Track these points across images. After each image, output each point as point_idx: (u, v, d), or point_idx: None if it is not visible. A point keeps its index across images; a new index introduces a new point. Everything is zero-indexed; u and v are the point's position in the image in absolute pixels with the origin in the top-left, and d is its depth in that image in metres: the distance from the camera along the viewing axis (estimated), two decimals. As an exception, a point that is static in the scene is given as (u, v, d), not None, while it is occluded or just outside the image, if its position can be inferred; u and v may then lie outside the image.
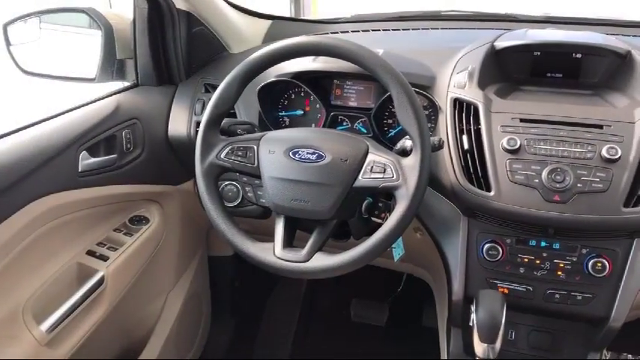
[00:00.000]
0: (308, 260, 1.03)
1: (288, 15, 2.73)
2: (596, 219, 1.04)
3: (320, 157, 1.04)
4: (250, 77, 1.10)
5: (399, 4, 1.95)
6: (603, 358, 1.71)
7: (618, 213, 1.03)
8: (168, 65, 1.48)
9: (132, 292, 1.42)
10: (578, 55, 1.26)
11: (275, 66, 1.13)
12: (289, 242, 1.08)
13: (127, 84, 1.47)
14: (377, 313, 2.04)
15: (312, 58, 1.34)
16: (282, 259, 1.04)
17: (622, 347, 1.88)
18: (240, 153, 1.09)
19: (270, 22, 1.73)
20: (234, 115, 1.37)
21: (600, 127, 1.10)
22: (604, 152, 1.05)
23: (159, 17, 1.41)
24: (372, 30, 1.65)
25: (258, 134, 1.12)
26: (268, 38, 1.68)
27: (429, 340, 1.48)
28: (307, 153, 1.05)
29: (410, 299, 1.98)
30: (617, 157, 1.04)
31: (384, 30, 1.64)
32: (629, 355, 1.86)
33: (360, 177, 1.03)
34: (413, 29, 1.63)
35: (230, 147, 1.10)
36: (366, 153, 1.04)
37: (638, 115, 1.09)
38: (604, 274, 1.10)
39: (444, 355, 1.34)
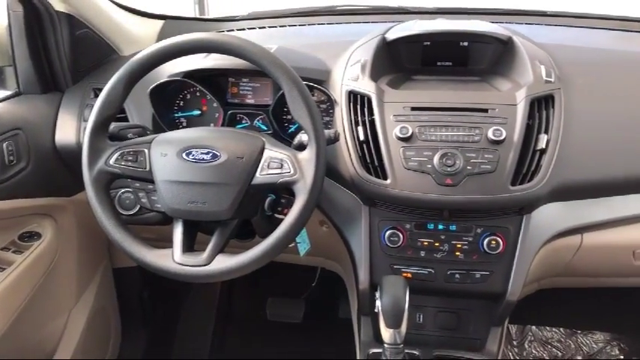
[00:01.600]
0: (209, 263, 1.00)
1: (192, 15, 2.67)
2: (487, 199, 1.09)
3: (215, 156, 1.02)
4: (136, 78, 1.06)
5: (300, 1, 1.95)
6: (510, 331, 1.81)
7: (506, 191, 1.08)
8: (53, 71, 1.40)
9: (27, 313, 1.33)
10: (465, 43, 1.30)
11: (168, 66, 1.09)
12: (189, 246, 1.05)
13: (7, 93, 1.38)
14: (293, 310, 2.04)
15: (203, 55, 1.31)
16: (182, 265, 1.01)
17: (525, 319, 1.99)
18: (130, 158, 1.05)
19: (162, 22, 1.68)
20: (125, 119, 1.32)
21: (485, 110, 1.14)
22: (490, 134, 1.10)
23: (37, 21, 1.33)
24: (269, 27, 1.64)
25: (149, 137, 1.08)
26: (162, 38, 1.62)
27: (346, 332, 1.49)
28: (201, 153, 1.03)
29: (325, 293, 1.99)
30: (502, 138, 1.09)
31: (280, 26, 1.64)
32: (533, 327, 1.97)
33: (257, 174, 1.02)
34: (309, 24, 1.64)
35: (119, 152, 1.05)
36: (262, 149, 1.03)
37: (519, 97, 1.14)
38: (498, 251, 1.15)
39: (357, 344, 1.35)
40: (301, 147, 1.05)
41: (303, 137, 1.06)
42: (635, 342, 1.93)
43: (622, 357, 1.91)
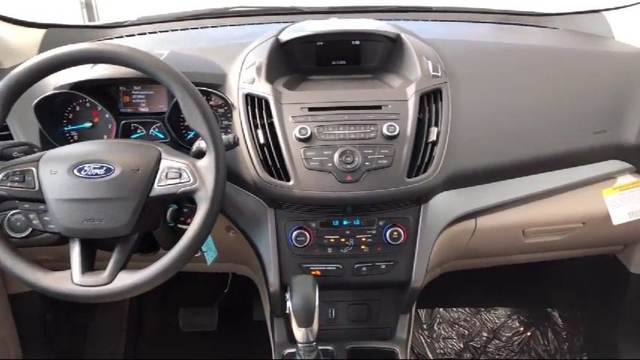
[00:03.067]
0: (111, 282, 0.97)
1: (82, 22, 2.54)
2: (386, 192, 1.12)
3: (109, 170, 0.98)
4: (16, 94, 1.00)
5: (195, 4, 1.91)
6: (420, 315, 1.87)
7: (403, 184, 1.13)
8: None
9: None
10: (357, 42, 1.33)
11: (53, 77, 1.04)
12: (89, 266, 1.01)
13: None
14: (207, 318, 2.00)
15: (90, 66, 1.25)
16: (81, 286, 0.96)
17: (433, 303, 2.08)
18: (17, 178, 0.99)
19: (44, 30, 1.59)
20: (10, 137, 1.24)
21: (379, 107, 1.18)
22: (385, 130, 1.14)
23: None
24: (160, 31, 1.60)
25: (36, 155, 1.02)
26: (45, 48, 1.53)
27: (261, 334, 1.49)
28: (94, 168, 0.99)
29: (239, 298, 1.98)
30: (396, 133, 1.13)
31: (172, 30, 1.60)
32: (441, 309, 2.07)
33: (155, 185, 0.99)
34: (202, 27, 1.61)
35: (4, 173, 0.99)
36: (159, 159, 1.01)
37: (409, 93, 1.19)
38: (400, 241, 1.20)
39: (272, 346, 1.36)
40: (200, 154, 1.04)
41: (201, 144, 1.04)
42: (532, 314, 2.08)
43: (522, 328, 2.04)
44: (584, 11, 1.67)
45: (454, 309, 2.08)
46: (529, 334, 2.02)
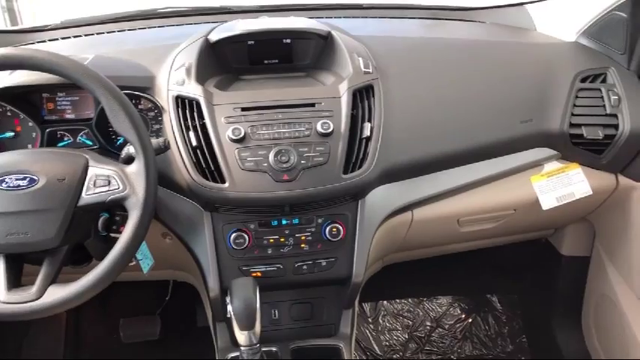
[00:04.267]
0: (40, 297, 0.93)
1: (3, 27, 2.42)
2: (323, 189, 1.12)
3: (32, 181, 0.94)
4: None
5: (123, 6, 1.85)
6: (364, 309, 1.89)
7: (339, 180, 1.13)
8: None
9: None
10: (288, 40, 1.33)
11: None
12: (15, 282, 0.96)
13: None
14: (148, 327, 1.95)
15: (8, 72, 1.19)
16: (8, 303, 0.92)
17: (377, 296, 2.11)
18: None
19: (-42, 35, 1.50)
20: None
21: (313, 105, 1.18)
22: (319, 128, 1.14)
23: None
24: (84, 35, 1.54)
25: None
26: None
27: (206, 340, 1.46)
28: (17, 179, 0.94)
29: (181, 305, 1.94)
30: (330, 130, 1.14)
31: (97, 33, 1.54)
32: (385, 302, 2.10)
33: (83, 194, 0.96)
34: (128, 30, 1.56)
35: None
36: (86, 167, 0.97)
37: (342, 89, 1.20)
38: (340, 237, 1.20)
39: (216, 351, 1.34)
40: (130, 160, 1.01)
41: (130, 149, 1.01)
42: (472, 300, 2.14)
43: (463, 315, 2.10)
44: (509, 5, 1.73)
45: (397, 301, 2.12)
46: (470, 320, 2.08)
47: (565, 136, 1.32)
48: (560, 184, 1.35)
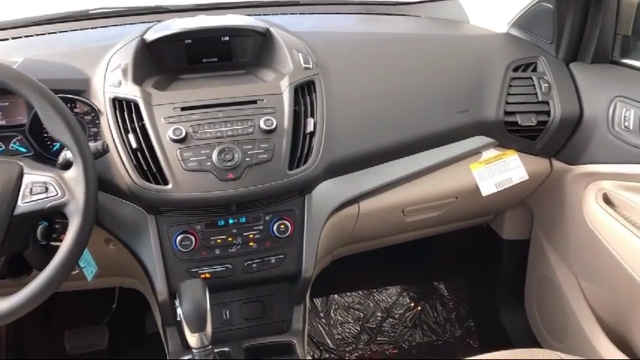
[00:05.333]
0: None
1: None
2: (268, 186, 1.12)
3: None
4: None
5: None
6: (315, 304, 1.89)
7: (285, 176, 1.13)
8: None
9: None
10: (226, 38, 1.31)
11: None
12: None
13: None
14: (95, 338, 1.89)
15: None
16: None
17: (328, 290, 2.12)
18: None
19: None
20: None
21: (255, 102, 1.17)
22: (262, 124, 1.14)
23: None
24: (13, 38, 1.47)
25: None
26: None
27: (156, 346, 1.44)
28: None
29: (129, 312, 1.89)
30: (273, 127, 1.14)
31: (26, 36, 1.48)
32: (336, 295, 2.11)
33: (19, 203, 0.92)
34: (60, 32, 1.51)
35: None
36: (21, 175, 0.94)
37: (283, 86, 1.20)
38: (288, 233, 1.20)
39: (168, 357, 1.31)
40: (67, 165, 0.98)
41: (67, 154, 0.99)
42: (420, 289, 2.18)
43: (412, 304, 2.14)
44: (443, -2, 1.78)
45: (348, 294, 2.14)
46: (419, 308, 2.13)
47: (501, 124, 1.37)
48: (498, 171, 1.40)
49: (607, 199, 1.35)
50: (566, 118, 1.36)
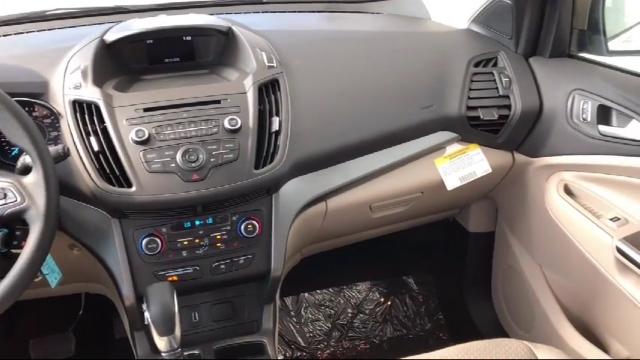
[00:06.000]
0: None
1: None
2: (234, 186, 1.12)
3: None
4: None
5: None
6: (286, 303, 1.89)
7: (251, 176, 1.13)
8: None
9: None
10: (188, 38, 1.30)
11: None
12: None
13: None
14: (61, 345, 1.85)
15: None
16: None
17: (298, 289, 2.12)
18: None
19: None
20: None
21: (218, 101, 1.17)
22: (226, 124, 1.13)
23: None
24: None
25: None
26: None
27: (125, 351, 1.42)
28: None
29: (96, 318, 1.86)
30: (238, 126, 1.13)
31: None
32: (306, 294, 2.12)
33: None
34: (16, 34, 1.47)
35: None
36: None
37: (247, 85, 1.19)
38: (256, 233, 1.20)
39: None
40: (26, 170, 0.95)
41: (26, 159, 0.96)
42: (390, 284, 2.20)
43: (382, 299, 2.16)
44: (404, -5, 1.79)
45: (318, 291, 2.14)
46: (389, 303, 2.14)
47: (463, 119, 1.39)
48: (462, 165, 1.42)
49: (568, 190, 1.39)
50: (526, 111, 1.39)
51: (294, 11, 1.74)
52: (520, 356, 1.10)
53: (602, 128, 1.28)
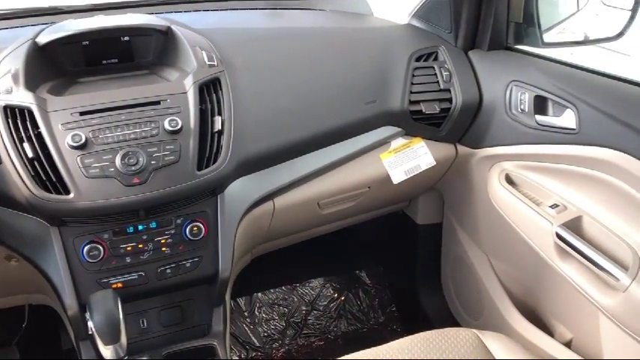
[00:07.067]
0: None
1: None
2: (177, 189, 1.10)
3: None
4: None
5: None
6: (239, 304, 1.87)
7: (194, 177, 1.11)
8: None
9: None
10: (126, 38, 1.27)
11: None
12: None
13: None
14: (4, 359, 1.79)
15: None
16: None
17: (250, 289, 2.11)
18: None
19: None
20: None
21: (158, 102, 1.14)
22: (167, 125, 1.10)
23: None
24: None
25: None
26: None
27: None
28: None
29: (42, 329, 1.80)
30: (179, 127, 1.11)
31: None
32: (259, 294, 2.11)
33: None
34: None
35: None
36: None
37: (188, 84, 1.17)
38: (202, 235, 1.18)
39: None
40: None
41: (-46, 169, 0.92)
42: (343, 279, 2.22)
43: (336, 295, 2.17)
44: (346, -8, 1.80)
45: (272, 290, 2.13)
46: (343, 298, 2.16)
47: (406, 114, 1.41)
48: (407, 158, 1.44)
49: (509, 179, 1.42)
50: (467, 104, 1.42)
51: (236, 9, 1.72)
52: (468, 344, 1.12)
53: (539, 118, 1.32)
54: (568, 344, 1.36)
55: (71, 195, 1.04)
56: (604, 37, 1.37)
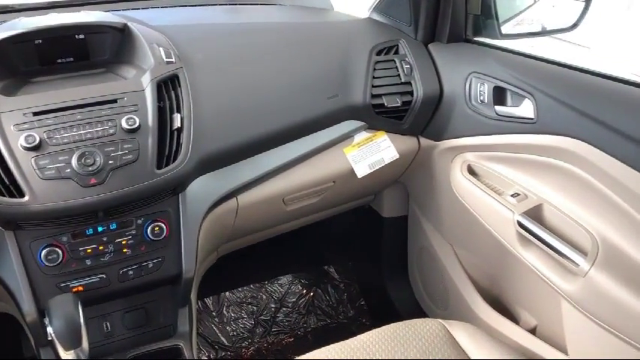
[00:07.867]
0: None
1: None
2: (136, 188, 1.07)
3: None
4: None
5: None
6: (207, 304, 1.85)
7: (154, 176, 1.09)
8: None
9: None
10: (82, 36, 1.24)
11: None
12: None
13: None
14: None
15: None
16: None
17: (218, 289, 2.09)
18: None
19: None
20: None
21: (115, 101, 1.11)
22: (124, 124, 1.08)
23: None
24: None
25: None
26: None
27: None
28: None
29: (2, 337, 1.75)
30: (136, 126, 1.09)
31: None
32: (227, 293, 2.09)
33: None
34: None
35: None
36: None
37: (145, 82, 1.15)
38: (164, 235, 1.16)
39: None
40: None
41: None
42: (312, 275, 2.21)
43: (305, 291, 2.17)
44: (305, -14, 1.80)
45: (240, 289, 2.12)
46: (312, 294, 2.15)
47: (368, 107, 1.41)
48: (370, 152, 1.44)
49: (471, 170, 1.44)
50: (427, 96, 1.43)
51: (194, 5, 1.69)
52: (435, 334, 1.13)
53: (499, 109, 1.34)
54: (533, 331, 1.38)
55: (26, 198, 1.01)
56: (559, 29, 1.40)
